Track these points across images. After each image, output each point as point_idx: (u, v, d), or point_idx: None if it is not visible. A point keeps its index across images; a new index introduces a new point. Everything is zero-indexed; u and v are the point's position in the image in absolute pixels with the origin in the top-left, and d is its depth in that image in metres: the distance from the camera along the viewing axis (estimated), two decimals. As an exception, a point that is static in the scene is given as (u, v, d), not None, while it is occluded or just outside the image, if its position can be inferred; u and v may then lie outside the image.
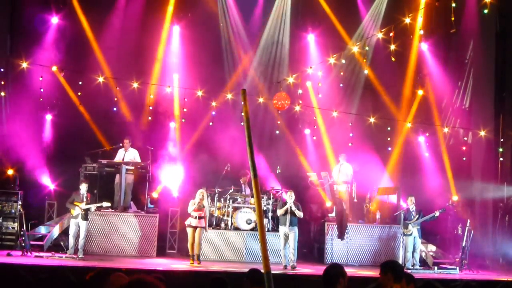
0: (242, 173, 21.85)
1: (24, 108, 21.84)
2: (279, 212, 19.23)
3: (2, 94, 21.45)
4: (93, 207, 18.56)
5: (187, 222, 18.58)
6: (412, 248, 19.88)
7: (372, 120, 22.73)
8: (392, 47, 20.27)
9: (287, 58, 24.44)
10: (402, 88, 24.26)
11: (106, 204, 18.87)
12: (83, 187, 18.53)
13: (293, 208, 18.69)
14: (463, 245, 19.93)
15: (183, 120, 22.51)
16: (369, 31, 23.70)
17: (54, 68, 21.06)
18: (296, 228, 18.78)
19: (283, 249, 18.70)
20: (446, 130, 23.33)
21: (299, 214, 18.79)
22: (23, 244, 18.13)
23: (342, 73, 23.39)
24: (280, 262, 18.69)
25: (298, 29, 24.54)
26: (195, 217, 18.48)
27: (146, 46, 23.02)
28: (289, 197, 18.93)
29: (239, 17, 24.27)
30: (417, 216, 19.97)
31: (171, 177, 21.79)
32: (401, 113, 23.78)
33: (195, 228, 18.46)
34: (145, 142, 22.03)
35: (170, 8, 23.39)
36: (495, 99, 23.10)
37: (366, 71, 23.46)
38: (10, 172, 20.62)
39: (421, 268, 19.57)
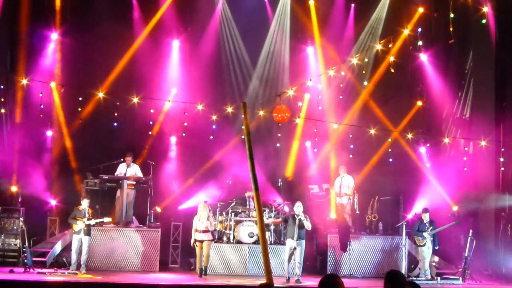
0: (248, 187, 21.74)
1: (24, 125, 21.86)
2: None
3: (2, 111, 21.44)
4: (94, 222, 18.56)
5: (193, 238, 18.63)
6: (428, 258, 19.92)
7: (372, 131, 22.70)
8: (391, 58, 20.32)
9: (287, 71, 24.47)
10: (402, 99, 24.26)
11: (107, 219, 18.90)
12: (85, 203, 18.57)
13: (303, 219, 18.33)
14: (466, 255, 19.92)
15: (184, 134, 22.50)
16: (368, 43, 23.77)
17: (53, 84, 21.05)
18: (303, 242, 18.47)
19: (287, 262, 18.45)
20: (447, 140, 23.30)
21: (308, 225, 18.40)
22: (25, 260, 18.13)
23: (341, 85, 23.39)
24: (282, 275, 18.62)
25: (297, 41, 24.58)
26: (201, 231, 18.53)
27: (146, 60, 23.04)
28: (297, 207, 18.57)
29: (238, 30, 24.32)
30: (431, 227, 20.00)
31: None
32: (401, 124, 23.74)
33: (202, 241, 18.49)
34: (146, 157, 22.07)
35: (169, 23, 23.44)
36: (495, 109, 23.06)
37: (366, 83, 23.51)
38: (14, 189, 20.62)
39: (424, 278, 19.51)
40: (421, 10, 20.46)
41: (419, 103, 24.00)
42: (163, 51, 23.71)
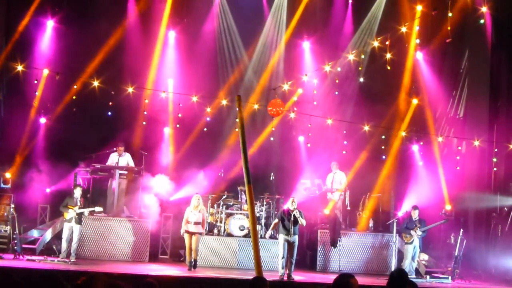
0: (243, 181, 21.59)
1: (18, 112, 21.80)
2: (274, 223, 19.04)
3: (-3, 97, 21.45)
4: (86, 211, 18.51)
5: (184, 229, 18.51)
6: (411, 257, 19.87)
7: (366, 128, 22.67)
8: (388, 55, 20.27)
9: (282, 65, 24.43)
10: (397, 96, 24.24)
11: (98, 208, 18.86)
12: (77, 191, 18.50)
13: (297, 215, 17.83)
14: (456, 254, 19.95)
15: (178, 126, 22.46)
16: (365, 39, 23.78)
17: (46, 71, 20.93)
18: (297, 238, 17.98)
19: (281, 259, 17.85)
20: (440, 139, 23.29)
21: (302, 222, 17.94)
22: (15, 247, 18.11)
23: (337, 81, 23.35)
24: (272, 269, 18.53)
25: (293, 36, 24.53)
26: (192, 223, 18.42)
27: (142, 51, 23.00)
28: (292, 203, 18.10)
29: (235, 22, 24.29)
30: (419, 225, 19.99)
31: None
32: (395, 121, 23.72)
33: (192, 234, 18.40)
34: (139, 147, 22.04)
35: (166, 13, 23.38)
36: (489, 109, 23.09)
37: (361, 79, 23.50)
38: (8, 175, 20.55)
39: (414, 277, 19.52)
40: (419, 8, 20.39)
41: (415, 101, 23.94)
42: (159, 42, 23.64)
